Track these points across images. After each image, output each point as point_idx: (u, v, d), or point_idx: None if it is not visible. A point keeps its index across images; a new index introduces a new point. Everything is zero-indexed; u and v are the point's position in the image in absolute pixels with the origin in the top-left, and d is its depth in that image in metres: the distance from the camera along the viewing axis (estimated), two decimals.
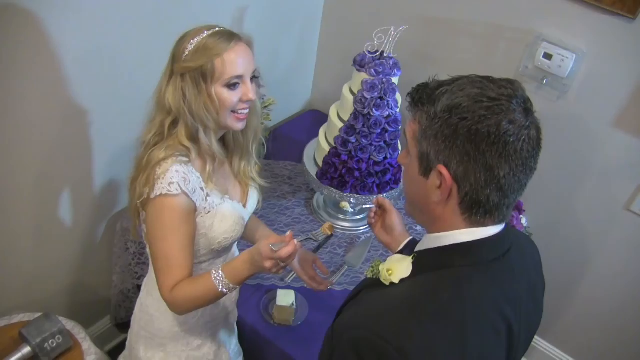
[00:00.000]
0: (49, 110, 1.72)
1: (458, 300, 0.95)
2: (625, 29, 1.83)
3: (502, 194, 0.95)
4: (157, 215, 1.34)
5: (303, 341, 1.78)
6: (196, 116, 1.35)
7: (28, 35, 1.55)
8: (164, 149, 1.34)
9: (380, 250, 2.13)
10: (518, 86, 0.96)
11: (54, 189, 1.88)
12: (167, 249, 1.34)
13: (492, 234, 1.00)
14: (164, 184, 1.31)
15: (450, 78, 0.98)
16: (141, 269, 2.12)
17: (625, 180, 2.05)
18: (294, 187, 2.38)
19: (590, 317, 2.42)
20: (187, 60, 1.32)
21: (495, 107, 0.91)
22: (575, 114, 2.05)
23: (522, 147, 0.92)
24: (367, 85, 1.85)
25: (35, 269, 1.99)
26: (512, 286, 1.05)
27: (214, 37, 1.33)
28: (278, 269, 1.30)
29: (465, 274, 0.98)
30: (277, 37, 2.41)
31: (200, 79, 1.33)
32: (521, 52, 2.07)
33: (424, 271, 1.01)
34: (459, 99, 0.92)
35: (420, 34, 2.26)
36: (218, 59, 1.32)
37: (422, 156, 0.98)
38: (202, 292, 1.34)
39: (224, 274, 1.32)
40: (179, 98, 1.34)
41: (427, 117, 0.96)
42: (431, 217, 1.02)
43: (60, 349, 1.75)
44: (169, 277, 1.34)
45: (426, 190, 1.00)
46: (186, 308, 1.39)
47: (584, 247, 2.28)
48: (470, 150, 0.92)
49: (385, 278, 1.02)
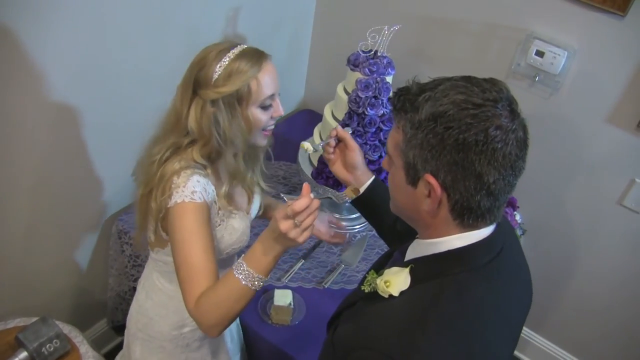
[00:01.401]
0: (44, 115, 1.71)
1: (461, 309, 0.95)
2: (616, 26, 1.84)
3: (493, 198, 0.94)
4: (179, 220, 1.29)
5: (301, 341, 1.78)
6: (228, 140, 1.33)
7: (23, 40, 1.54)
8: (177, 161, 1.33)
9: (377, 249, 2.13)
10: (502, 86, 0.93)
11: (49, 193, 1.87)
12: (189, 253, 1.27)
13: (486, 235, 0.99)
14: (186, 192, 1.29)
15: (432, 81, 0.96)
16: (137, 271, 2.11)
17: (618, 175, 2.07)
18: (289, 187, 2.38)
19: (584, 311, 2.44)
20: (219, 85, 1.30)
21: (481, 114, 0.88)
22: (567, 110, 2.07)
23: (511, 151, 0.91)
24: (361, 84, 1.85)
25: (30, 273, 1.98)
26: (509, 283, 1.05)
27: (244, 58, 1.31)
28: (298, 233, 1.14)
29: (464, 281, 0.97)
30: (269, 37, 2.41)
31: (235, 103, 1.31)
32: (513, 50, 2.08)
33: (423, 281, 0.98)
34: (443, 106, 0.90)
35: (413, 32, 2.27)
36: (254, 82, 1.31)
37: (408, 166, 0.96)
38: (226, 292, 1.21)
39: (246, 262, 1.20)
40: (208, 124, 1.32)
41: (410, 125, 0.93)
42: (423, 223, 1.01)
43: (57, 354, 1.75)
44: (194, 286, 1.25)
45: (415, 199, 0.98)
46: (215, 319, 1.23)
47: (577, 242, 2.30)
48: (458, 160, 0.90)
49: (384, 291, 0.99)
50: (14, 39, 1.52)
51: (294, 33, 2.58)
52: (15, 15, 1.49)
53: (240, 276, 1.19)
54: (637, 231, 2.12)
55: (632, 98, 1.91)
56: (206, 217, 1.32)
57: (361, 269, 2.05)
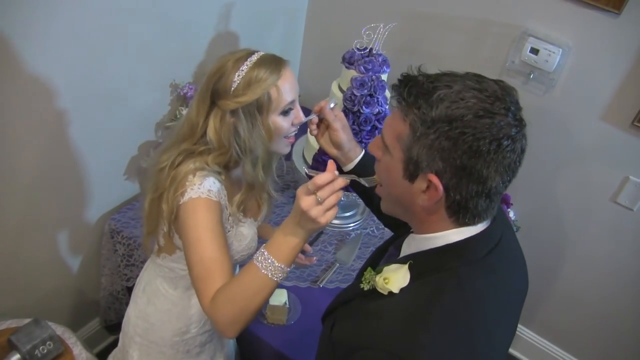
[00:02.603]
0: (37, 116, 1.68)
1: (462, 303, 0.95)
2: (610, 24, 1.84)
3: (490, 199, 0.95)
4: (193, 217, 1.24)
5: (296, 340, 1.77)
6: (247, 150, 1.31)
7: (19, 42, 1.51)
8: (192, 162, 1.30)
9: (371, 247, 2.13)
10: (512, 92, 0.94)
11: (40, 193, 1.84)
12: (204, 250, 1.22)
13: (483, 228, 1.00)
14: (202, 189, 1.25)
15: (442, 75, 0.94)
16: (130, 271, 2.10)
17: (612, 172, 2.08)
18: (282, 184, 2.36)
19: (576, 308, 2.46)
20: (239, 95, 1.27)
21: (495, 124, 0.88)
22: (561, 108, 2.07)
23: (515, 160, 0.92)
24: (356, 82, 1.84)
25: (22, 274, 1.96)
26: (508, 273, 1.06)
27: (262, 66, 1.28)
28: (321, 212, 1.05)
29: (464, 274, 0.97)
30: (261, 34, 2.39)
31: (255, 112, 1.28)
32: (508, 47, 2.08)
33: (422, 276, 0.98)
34: (460, 110, 0.88)
35: (406, 30, 2.25)
36: (273, 89, 1.28)
37: (409, 161, 0.94)
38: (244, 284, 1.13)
39: (267, 250, 1.12)
40: (228, 135, 1.29)
41: (421, 122, 0.91)
42: (417, 218, 1.01)
43: (51, 355, 1.72)
44: (209, 283, 1.18)
45: (410, 193, 0.97)
46: (232, 315, 1.14)
47: (570, 239, 2.31)
48: (467, 165, 0.90)
49: (383, 288, 0.98)
50: (11, 40, 1.49)
51: (286, 29, 2.56)
52: (10, 17, 1.47)
53: (260, 265, 1.11)
54: (630, 228, 2.14)
55: (626, 96, 1.92)
56: (220, 216, 1.29)
57: (356, 267, 2.05)
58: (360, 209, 2.27)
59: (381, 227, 2.22)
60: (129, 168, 2.09)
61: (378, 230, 2.21)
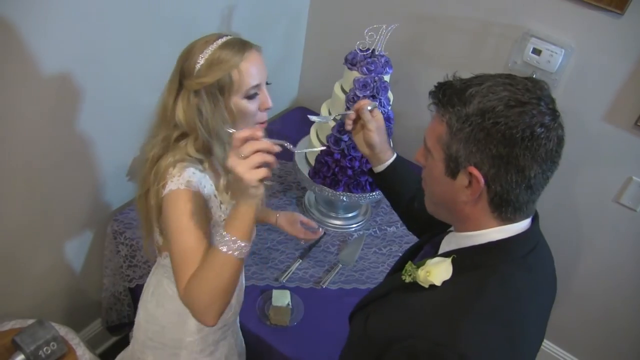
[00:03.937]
0: (39, 115, 1.69)
1: (505, 299, 0.97)
2: (613, 24, 1.84)
3: (531, 191, 0.97)
4: (173, 208, 1.24)
5: (300, 342, 1.77)
6: (212, 131, 1.30)
7: (19, 36, 1.52)
8: (171, 156, 1.30)
9: (374, 248, 2.13)
10: (543, 85, 0.98)
11: (43, 194, 1.84)
12: (181, 240, 1.21)
13: (525, 229, 1.02)
14: (181, 180, 1.25)
15: (475, 77, 0.99)
16: (132, 272, 2.10)
17: (615, 173, 2.08)
18: (284, 185, 2.37)
19: (577, 308, 2.45)
20: (201, 75, 1.27)
21: (527, 112, 0.92)
22: (564, 108, 2.01)
23: (552, 148, 0.95)
24: (359, 83, 1.84)
25: (25, 275, 1.96)
26: (543, 275, 1.09)
27: (226, 48, 1.28)
28: (246, 168, 1.06)
29: (507, 273, 1.00)
30: (263, 35, 2.39)
31: (217, 94, 1.28)
32: (510, 48, 2.08)
33: (464, 271, 1.01)
34: (491, 102, 0.93)
35: (409, 30, 2.25)
36: (235, 71, 1.28)
37: (449, 158, 0.98)
38: (207, 264, 1.15)
39: (222, 227, 1.15)
40: (192, 115, 1.29)
41: (457, 118, 0.95)
42: (460, 216, 1.03)
43: (55, 356, 1.73)
44: (183, 273, 1.18)
45: (454, 190, 1.00)
46: (203, 299, 1.15)
47: (574, 240, 2.31)
48: (503, 154, 0.93)
49: (425, 280, 1.01)
50: (9, 38, 1.49)
51: (288, 30, 2.56)
52: (10, 17, 1.47)
53: (216, 242, 1.13)
54: (633, 229, 2.13)
55: (629, 96, 1.91)
56: (201, 206, 1.29)
57: (359, 268, 2.05)
58: (362, 209, 2.27)
59: (383, 228, 2.22)
60: (132, 169, 2.09)
61: (380, 231, 2.21)
